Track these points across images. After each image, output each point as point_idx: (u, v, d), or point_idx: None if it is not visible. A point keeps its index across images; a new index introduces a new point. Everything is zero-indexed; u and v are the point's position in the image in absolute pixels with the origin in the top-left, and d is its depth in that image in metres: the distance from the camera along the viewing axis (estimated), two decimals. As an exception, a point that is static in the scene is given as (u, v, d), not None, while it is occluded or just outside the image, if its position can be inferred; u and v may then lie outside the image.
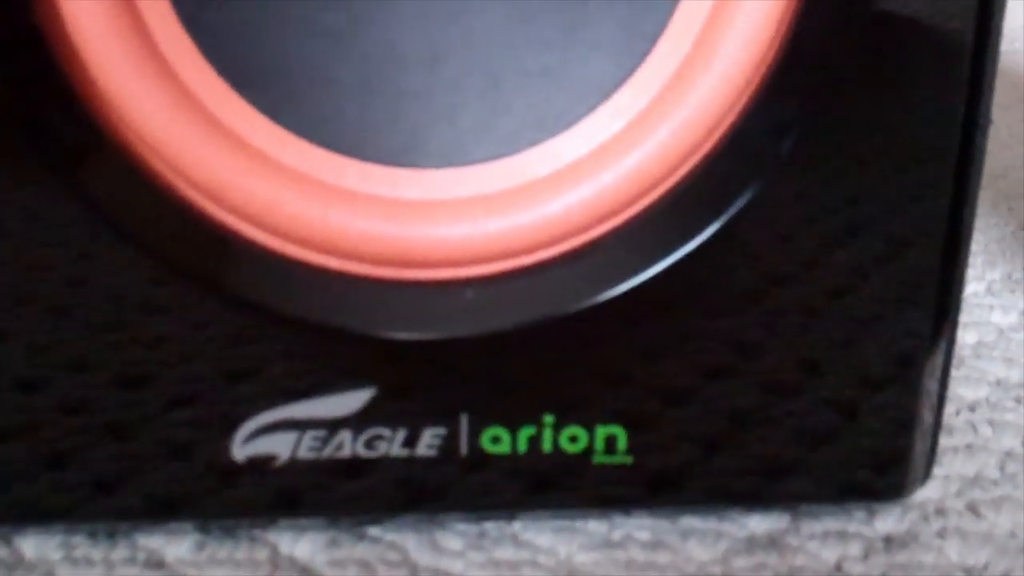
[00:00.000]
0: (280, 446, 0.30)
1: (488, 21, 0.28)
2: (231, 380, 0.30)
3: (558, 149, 0.29)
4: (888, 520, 0.32)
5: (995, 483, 0.34)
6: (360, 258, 0.29)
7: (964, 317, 0.43)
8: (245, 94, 0.28)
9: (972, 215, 0.31)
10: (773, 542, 0.31)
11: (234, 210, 0.28)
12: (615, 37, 0.28)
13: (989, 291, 0.46)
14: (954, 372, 0.39)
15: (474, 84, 0.29)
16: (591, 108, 0.29)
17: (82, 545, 0.31)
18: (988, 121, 0.30)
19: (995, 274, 0.47)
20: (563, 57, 0.29)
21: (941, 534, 0.32)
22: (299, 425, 0.29)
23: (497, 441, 0.30)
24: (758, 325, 0.31)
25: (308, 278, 0.29)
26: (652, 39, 0.29)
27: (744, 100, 0.29)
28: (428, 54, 0.28)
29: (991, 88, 0.30)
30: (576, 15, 0.28)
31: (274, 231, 0.28)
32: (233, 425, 0.30)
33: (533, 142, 0.29)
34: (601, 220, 0.29)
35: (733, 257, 0.30)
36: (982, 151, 0.30)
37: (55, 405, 0.30)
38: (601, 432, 0.30)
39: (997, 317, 0.43)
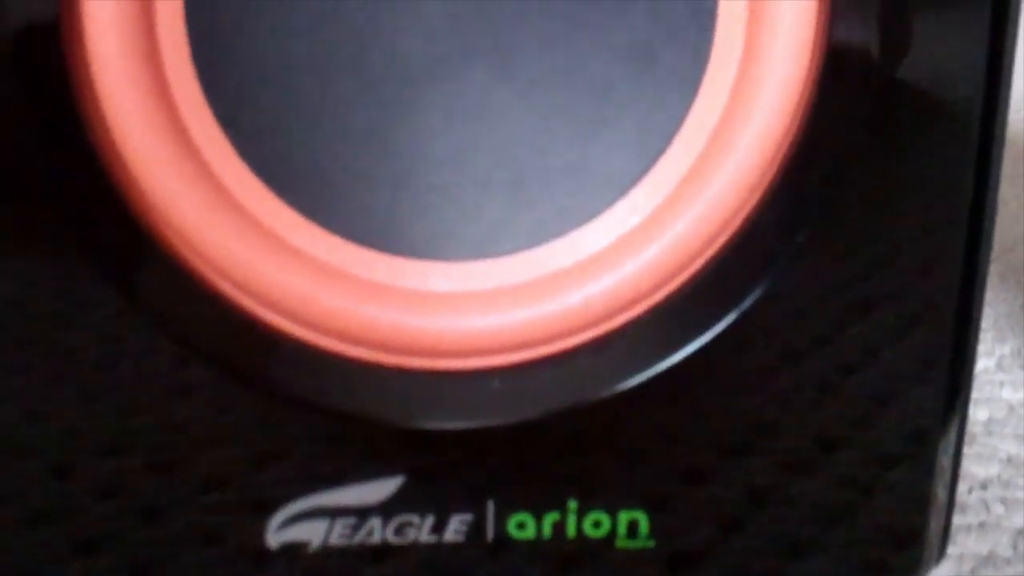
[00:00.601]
0: (312, 533, 0.30)
1: (512, 121, 0.30)
2: (263, 466, 0.30)
3: (580, 241, 0.30)
4: (905, 599, 0.33)
5: (1008, 561, 0.34)
6: (390, 349, 0.30)
7: (975, 393, 0.44)
8: (279, 192, 0.29)
9: (982, 289, 0.32)
10: (793, 622, 0.32)
11: (268, 303, 0.29)
12: (633, 135, 0.30)
13: (999, 367, 0.46)
14: (966, 449, 0.40)
15: (500, 179, 0.30)
16: (611, 202, 0.30)
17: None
18: (996, 191, 0.31)
19: (1005, 349, 0.48)
20: (584, 154, 0.30)
21: (957, 613, 0.32)
22: (331, 512, 0.30)
23: (522, 527, 0.31)
24: (774, 403, 0.31)
25: (340, 369, 0.30)
26: (668, 137, 0.30)
27: (758, 194, 0.30)
28: (455, 152, 0.30)
29: (1000, 158, 0.31)
30: (596, 114, 0.30)
31: (308, 324, 0.30)
32: (266, 511, 0.30)
33: (556, 235, 0.30)
34: (622, 310, 0.30)
35: (749, 337, 0.31)
36: (991, 223, 0.31)
37: (87, 490, 0.30)
38: (623, 517, 0.31)
39: (1008, 393, 0.44)
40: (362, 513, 0.30)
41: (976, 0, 0.29)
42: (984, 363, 0.47)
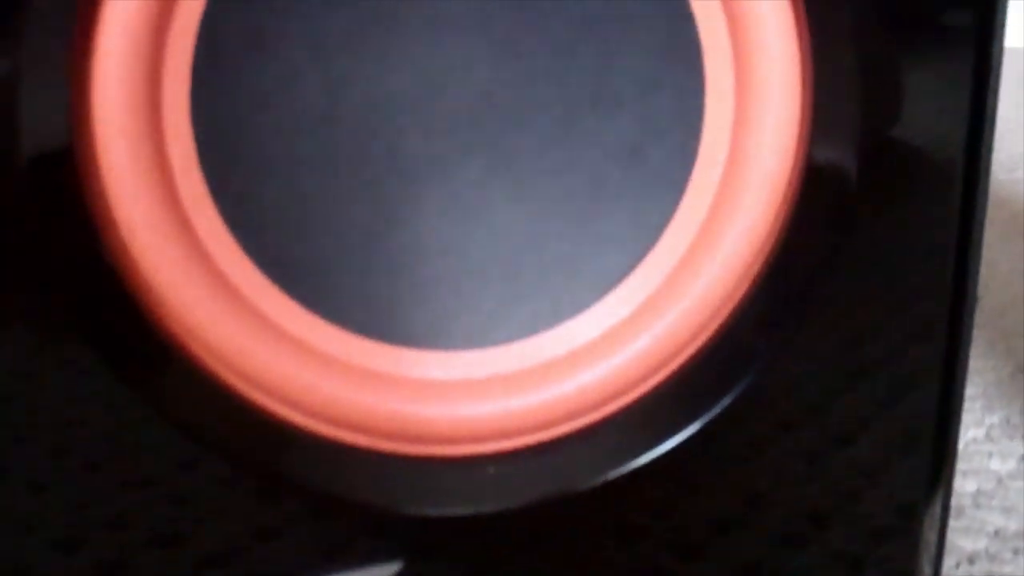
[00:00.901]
0: (311, 614, 0.31)
1: (508, 215, 0.31)
2: (264, 544, 0.31)
3: (573, 332, 0.31)
4: (892, 677, 0.34)
5: (995, 638, 0.35)
6: (388, 436, 0.31)
7: (963, 464, 0.45)
8: (282, 285, 0.30)
9: (966, 357, 0.32)
10: None
11: (270, 392, 0.30)
12: (624, 229, 0.31)
13: (988, 437, 0.47)
14: (953, 522, 0.41)
15: (495, 272, 0.31)
16: (602, 294, 0.31)
17: None
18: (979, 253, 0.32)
19: (994, 418, 0.49)
20: (576, 247, 0.31)
21: None
22: (330, 595, 0.31)
23: (517, 609, 0.32)
24: (765, 477, 0.32)
25: (339, 454, 0.31)
26: (658, 231, 0.31)
27: (745, 286, 0.31)
28: (452, 245, 0.31)
29: (983, 218, 0.31)
30: (588, 209, 0.31)
31: (308, 411, 0.31)
32: (267, 591, 0.31)
33: (549, 325, 0.31)
34: (613, 398, 0.31)
35: (738, 415, 0.32)
36: (975, 285, 0.32)
37: (91, 564, 0.31)
38: (616, 600, 0.32)
39: (996, 464, 0.45)
40: (361, 596, 0.31)
41: (957, 83, 0.30)
42: (973, 433, 0.48)
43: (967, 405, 0.34)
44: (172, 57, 0.29)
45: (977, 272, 0.32)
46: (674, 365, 0.31)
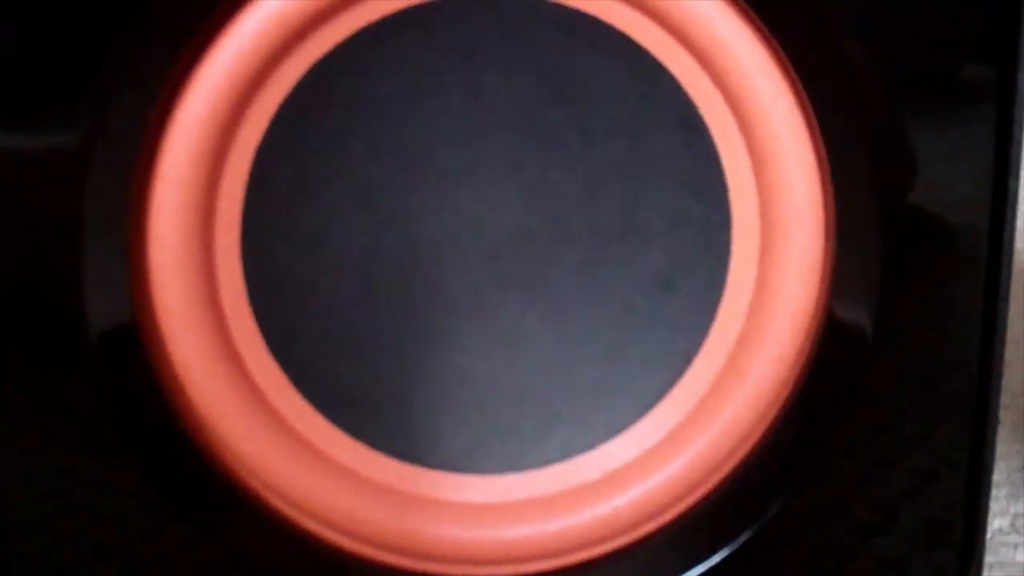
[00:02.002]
0: None
1: (543, 343, 0.32)
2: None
3: (608, 455, 0.32)
4: None
5: None
6: (432, 558, 0.32)
7: (989, 557, 0.45)
8: (327, 414, 0.32)
9: (994, 438, 0.33)
10: None
11: (317, 519, 0.32)
12: (656, 355, 0.32)
13: (1013, 526, 0.48)
14: (982, 619, 0.41)
15: (531, 398, 0.32)
16: (636, 418, 0.32)
17: None
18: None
19: (1019, 506, 0.49)
20: (610, 373, 0.32)
21: None
22: None
23: None
24: (794, 568, 0.33)
25: (383, 578, 0.32)
26: (689, 357, 0.32)
27: (775, 411, 0.32)
28: (490, 372, 0.32)
29: (1007, 294, 0.32)
30: (621, 337, 0.32)
31: (355, 536, 0.32)
32: None
33: (585, 449, 0.32)
34: (648, 520, 0.32)
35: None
36: (1000, 361, 0.33)
37: None
38: None
39: (1022, 556, 0.45)
40: None
41: (979, 147, 0.30)
42: (999, 523, 0.48)
43: (992, 493, 0.35)
44: (224, 204, 0.30)
45: (1003, 354, 0.33)
46: (706, 488, 0.32)
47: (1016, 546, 0.47)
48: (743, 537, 0.32)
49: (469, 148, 0.31)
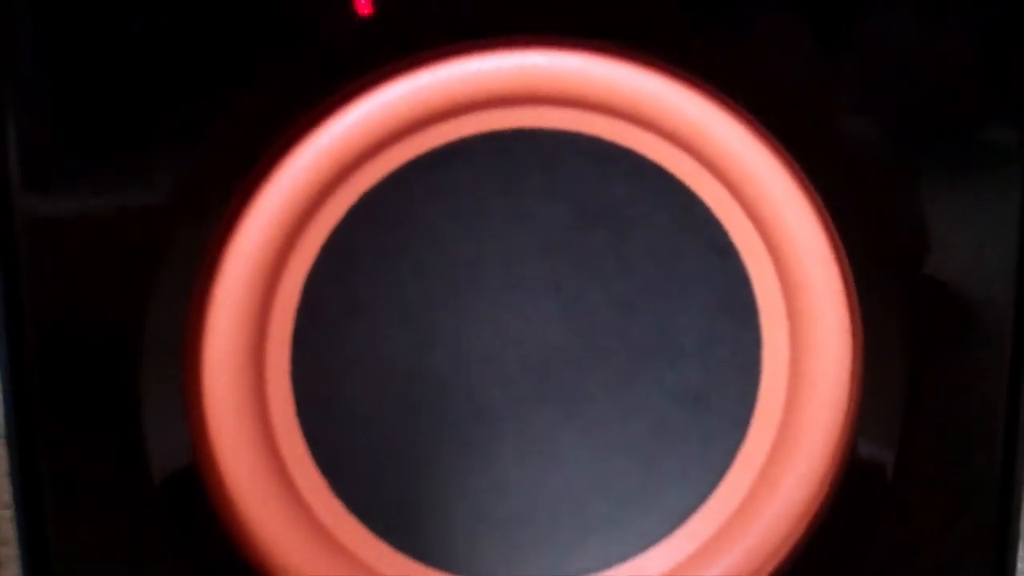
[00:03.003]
0: None
1: (579, 455, 0.33)
2: None
3: (642, 566, 0.33)
4: None
5: None
6: (471, 668, 0.33)
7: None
8: (372, 527, 0.33)
9: (1018, 522, 0.34)
10: None
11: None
12: (689, 469, 0.33)
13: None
14: None
15: (567, 509, 0.33)
16: (670, 530, 0.33)
17: None
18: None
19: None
20: (644, 486, 0.33)
21: None
22: None
23: None
24: None
25: None
26: (721, 472, 0.33)
27: (805, 525, 0.33)
28: (528, 484, 0.33)
29: None
30: (654, 450, 0.33)
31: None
32: None
33: (620, 559, 0.33)
34: (681, 630, 0.33)
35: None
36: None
37: None
38: None
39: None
40: None
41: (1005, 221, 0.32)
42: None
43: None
44: (276, 326, 0.32)
45: None
46: (738, 599, 0.33)
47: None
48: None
49: (510, 270, 0.32)
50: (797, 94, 0.30)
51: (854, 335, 0.32)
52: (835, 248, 0.31)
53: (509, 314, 0.33)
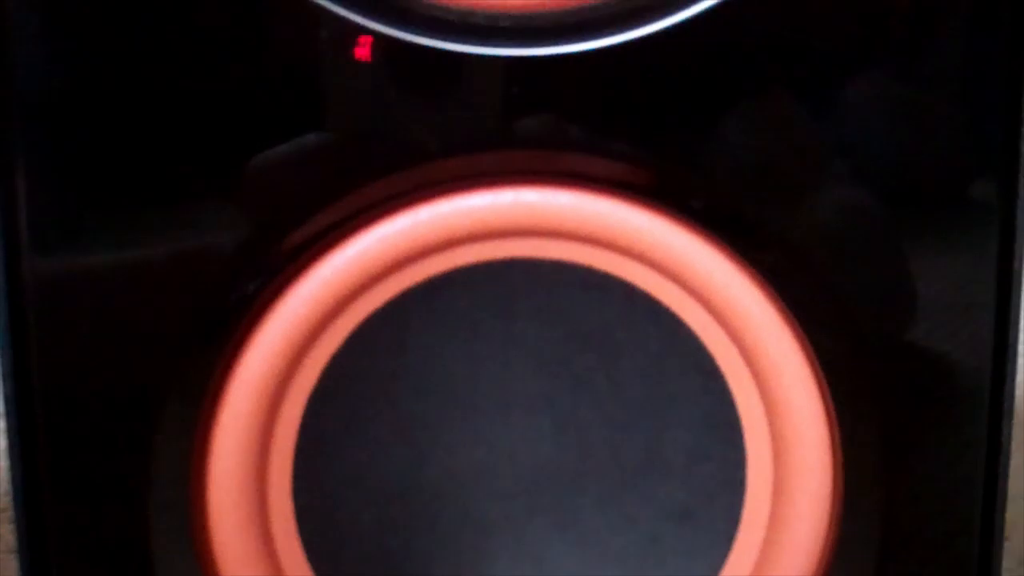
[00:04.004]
0: None
1: (570, 566, 0.34)
2: None
3: None
4: None
5: None
6: None
7: None
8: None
9: None
10: None
11: None
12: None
13: None
14: None
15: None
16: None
17: None
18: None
19: None
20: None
21: None
22: None
23: None
24: None
25: None
26: (709, 588, 0.34)
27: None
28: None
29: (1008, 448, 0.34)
30: (643, 564, 0.34)
31: None
32: None
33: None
34: None
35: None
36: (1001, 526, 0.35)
37: None
38: None
39: None
40: None
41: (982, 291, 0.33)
42: None
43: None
44: (278, 445, 0.33)
45: (1004, 512, 0.35)
46: None
47: None
48: None
49: (504, 389, 0.34)
50: (777, 230, 0.32)
51: (834, 454, 0.33)
52: (815, 373, 0.33)
53: (503, 431, 0.34)
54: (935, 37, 0.31)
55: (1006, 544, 0.36)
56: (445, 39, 0.30)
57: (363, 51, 0.30)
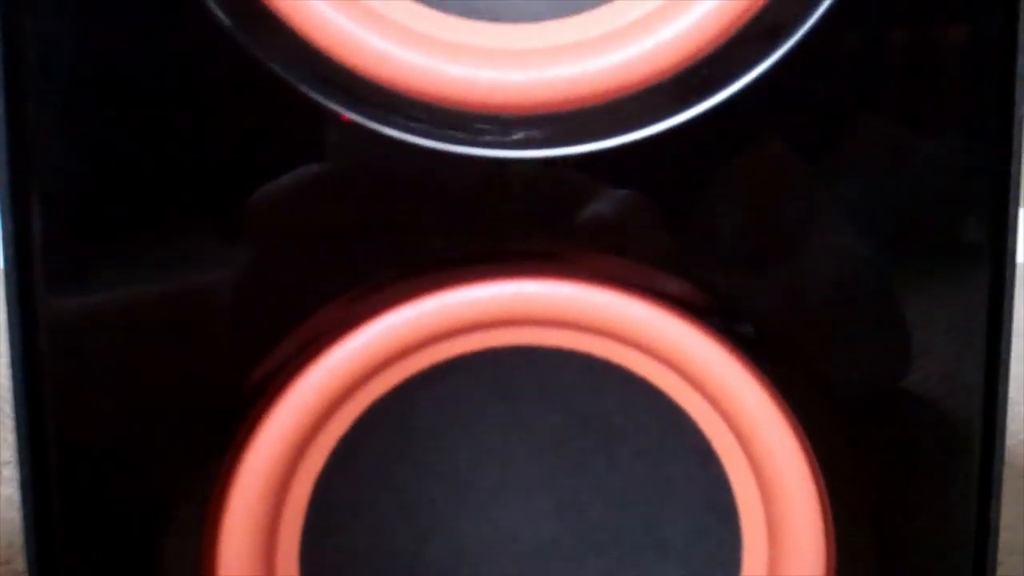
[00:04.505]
0: None
1: None
2: None
3: None
4: None
5: None
6: None
7: None
8: None
9: None
10: None
11: None
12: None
13: None
14: None
15: None
16: None
17: None
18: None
19: None
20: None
21: None
22: None
23: None
24: None
25: None
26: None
27: None
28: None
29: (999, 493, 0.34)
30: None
31: None
32: None
33: None
34: None
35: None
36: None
37: None
38: None
39: None
40: None
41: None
42: None
43: None
44: (286, 525, 0.34)
45: (995, 555, 0.36)
46: None
47: None
48: None
49: (507, 470, 0.35)
50: (771, 321, 0.33)
51: (827, 534, 0.34)
52: (808, 457, 0.34)
53: (505, 511, 0.35)
54: (926, 84, 0.32)
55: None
56: (434, 138, 0.31)
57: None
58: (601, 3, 0.32)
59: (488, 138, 0.31)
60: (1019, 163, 0.32)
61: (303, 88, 0.30)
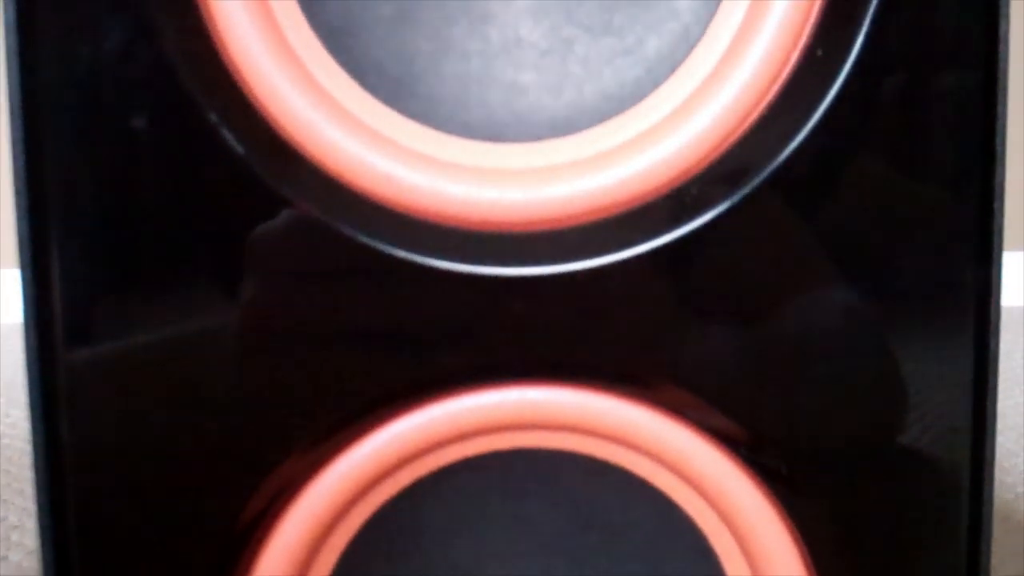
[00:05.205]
0: None
1: None
2: None
3: None
4: None
5: None
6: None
7: None
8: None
9: None
10: None
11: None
12: None
13: None
14: None
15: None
16: None
17: None
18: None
19: None
20: None
21: None
22: None
23: None
24: None
25: None
26: None
27: None
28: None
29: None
30: None
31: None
32: None
33: None
34: None
35: None
36: None
37: None
38: None
39: None
40: None
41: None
42: None
43: None
44: None
45: None
46: None
47: None
48: None
49: (511, 565, 0.36)
50: (764, 427, 0.34)
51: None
52: (802, 553, 0.35)
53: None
54: (912, 131, 0.33)
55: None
56: (439, 256, 0.33)
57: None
58: (595, 123, 0.34)
59: (489, 255, 0.33)
60: (1002, 214, 0.33)
61: (316, 213, 0.32)
